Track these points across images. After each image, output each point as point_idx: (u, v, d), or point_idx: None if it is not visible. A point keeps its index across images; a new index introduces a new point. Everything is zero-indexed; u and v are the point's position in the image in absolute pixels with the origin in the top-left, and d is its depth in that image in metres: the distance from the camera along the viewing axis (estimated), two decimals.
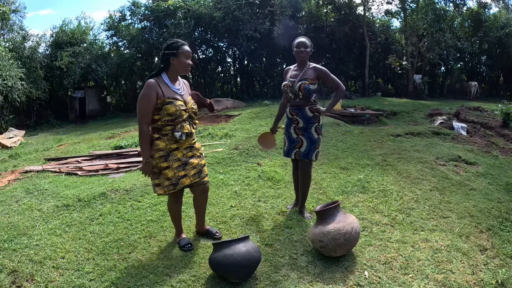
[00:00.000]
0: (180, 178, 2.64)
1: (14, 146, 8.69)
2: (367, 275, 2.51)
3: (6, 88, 10.68)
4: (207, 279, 2.50)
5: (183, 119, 2.60)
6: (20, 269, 2.66)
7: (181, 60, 2.58)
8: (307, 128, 3.28)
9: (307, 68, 3.26)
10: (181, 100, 2.59)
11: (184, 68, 2.61)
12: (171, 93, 2.57)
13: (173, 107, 2.52)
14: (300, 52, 3.22)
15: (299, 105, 3.26)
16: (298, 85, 3.20)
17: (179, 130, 2.57)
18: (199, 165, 2.73)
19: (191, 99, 2.72)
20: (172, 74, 2.63)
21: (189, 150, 2.69)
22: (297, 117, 3.29)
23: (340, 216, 2.65)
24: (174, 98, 2.55)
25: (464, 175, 4.69)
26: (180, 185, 2.65)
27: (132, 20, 15.88)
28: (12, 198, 4.20)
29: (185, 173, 2.65)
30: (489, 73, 19.69)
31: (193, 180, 2.70)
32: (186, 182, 2.66)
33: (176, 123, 2.57)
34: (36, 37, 14.35)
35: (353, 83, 19.93)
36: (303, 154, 3.30)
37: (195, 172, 2.71)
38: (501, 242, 2.98)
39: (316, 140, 3.29)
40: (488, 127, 7.96)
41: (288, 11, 15.23)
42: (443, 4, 16.33)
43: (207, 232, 3.07)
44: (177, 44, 2.59)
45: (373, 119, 9.02)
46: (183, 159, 2.65)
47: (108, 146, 7.07)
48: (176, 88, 2.62)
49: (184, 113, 2.59)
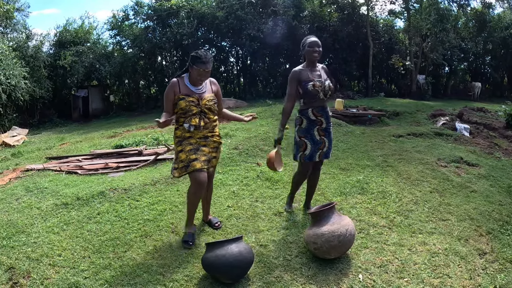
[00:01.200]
0: (191, 161, 2.84)
1: (17, 144, 8.74)
2: (361, 278, 2.49)
3: (10, 87, 10.75)
4: (200, 279, 2.50)
5: (193, 113, 2.86)
6: (17, 266, 2.69)
7: (193, 74, 2.87)
8: (328, 128, 3.31)
9: (320, 68, 3.28)
10: (194, 97, 2.87)
11: (195, 77, 2.87)
12: (186, 91, 2.89)
13: (184, 103, 2.84)
14: (314, 52, 3.18)
15: (324, 105, 3.26)
16: (327, 84, 3.20)
17: (187, 122, 2.87)
18: (210, 155, 2.94)
19: (210, 96, 2.95)
20: (192, 78, 2.92)
21: (203, 140, 2.93)
22: (321, 118, 3.23)
23: (335, 218, 2.63)
24: (186, 95, 2.86)
25: (466, 176, 4.65)
26: (191, 168, 2.82)
27: (135, 20, 15.95)
28: (12, 196, 4.23)
29: (196, 157, 2.85)
30: (493, 73, 19.53)
31: (203, 166, 2.85)
32: (196, 166, 2.82)
33: (187, 116, 2.86)
34: (40, 36, 14.46)
35: (356, 83, 19.86)
36: (325, 154, 3.34)
37: (205, 159, 2.89)
38: (501, 246, 2.93)
39: (332, 139, 3.37)
40: (492, 128, 7.89)
41: (291, 11, 15.20)
42: (447, 4, 16.21)
43: (209, 221, 3.30)
44: (195, 57, 2.82)
45: (375, 120, 8.97)
46: (195, 145, 2.90)
47: (110, 145, 7.08)
48: (194, 87, 2.91)
49: (194, 108, 2.86)
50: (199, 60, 2.80)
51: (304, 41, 3.24)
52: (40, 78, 13.16)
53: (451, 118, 8.85)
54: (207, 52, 2.91)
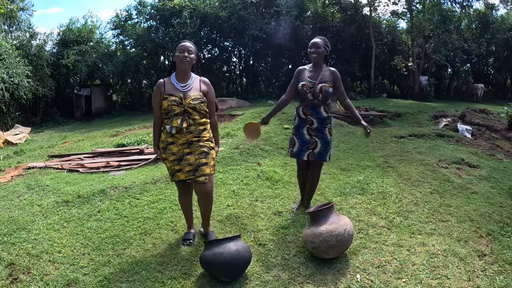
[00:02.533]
0: (175, 172, 2.76)
1: (19, 142, 8.78)
2: (359, 278, 2.49)
3: (13, 85, 10.79)
4: (198, 277, 2.51)
5: (175, 113, 2.69)
6: (17, 262, 2.72)
7: (176, 55, 2.73)
8: (321, 129, 3.26)
9: (325, 70, 3.25)
10: (177, 96, 2.69)
11: (179, 61, 2.72)
12: (171, 90, 2.72)
13: (166, 102, 2.69)
14: (312, 53, 3.23)
15: (315, 105, 3.23)
16: (319, 86, 3.17)
17: (169, 124, 2.70)
18: (196, 163, 2.70)
19: (196, 95, 2.72)
20: (178, 72, 2.79)
21: (187, 146, 2.72)
22: (311, 117, 3.24)
23: (333, 218, 2.63)
24: (170, 94, 2.70)
25: (467, 178, 4.64)
26: (175, 178, 2.78)
27: (138, 19, 15.96)
28: (14, 193, 4.26)
29: (180, 168, 2.75)
30: (496, 75, 19.46)
31: (188, 176, 2.74)
32: (181, 177, 2.76)
33: (169, 117, 2.71)
34: (43, 35, 14.50)
35: (358, 84, 19.82)
36: (318, 155, 3.29)
37: (190, 169, 2.72)
38: (500, 247, 2.91)
39: (329, 141, 3.30)
40: (494, 130, 7.86)
41: (294, 11, 15.19)
42: (450, 5, 16.18)
43: (206, 234, 3.03)
44: (176, 45, 2.80)
45: (377, 120, 8.97)
46: (178, 154, 2.74)
47: (111, 144, 7.11)
48: (180, 85, 2.74)
49: (176, 108, 2.68)
50: (177, 45, 2.78)
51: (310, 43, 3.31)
52: (43, 77, 13.19)
53: (453, 120, 8.82)
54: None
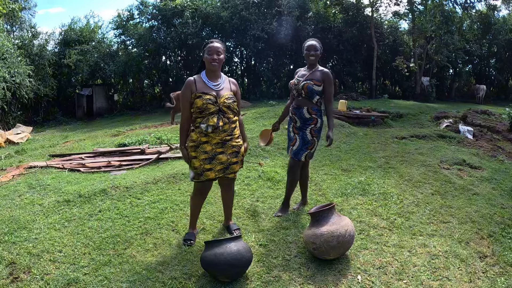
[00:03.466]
0: (205, 170, 2.75)
1: (21, 142, 8.80)
2: (360, 279, 2.48)
3: (14, 84, 10.83)
4: (198, 277, 2.50)
5: (210, 112, 2.69)
6: (18, 261, 2.71)
7: (205, 57, 2.75)
8: (303, 128, 3.32)
9: (316, 70, 3.33)
10: (212, 95, 2.70)
11: (208, 63, 2.74)
12: (203, 88, 2.72)
13: (200, 101, 2.67)
14: (310, 55, 3.30)
15: (299, 105, 3.33)
16: (302, 84, 3.28)
17: (204, 122, 2.68)
18: (228, 162, 2.80)
19: (229, 94, 2.77)
20: (208, 71, 2.79)
21: (220, 146, 2.76)
22: (295, 117, 3.36)
23: (334, 218, 2.63)
24: (203, 93, 2.69)
25: (468, 179, 4.62)
26: (204, 177, 2.76)
27: (140, 19, 16.01)
28: (15, 192, 4.27)
29: (211, 167, 2.75)
30: (497, 76, 19.42)
31: (218, 174, 2.79)
32: (210, 176, 2.76)
33: (204, 115, 2.70)
34: (45, 35, 14.57)
35: (360, 85, 19.81)
36: (294, 152, 3.35)
37: (221, 168, 2.79)
38: (502, 249, 2.90)
39: (309, 141, 3.32)
40: (495, 131, 7.84)
41: (296, 12, 15.20)
42: (452, 6, 16.15)
43: (228, 227, 3.17)
44: (205, 42, 2.79)
45: (378, 121, 8.95)
46: (211, 153, 2.74)
47: (113, 143, 7.13)
48: (213, 83, 2.75)
49: (211, 107, 2.68)
50: (206, 43, 2.75)
51: (303, 44, 3.41)
52: (44, 76, 13.24)
53: (455, 121, 8.81)
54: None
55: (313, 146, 3.36)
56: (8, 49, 10.78)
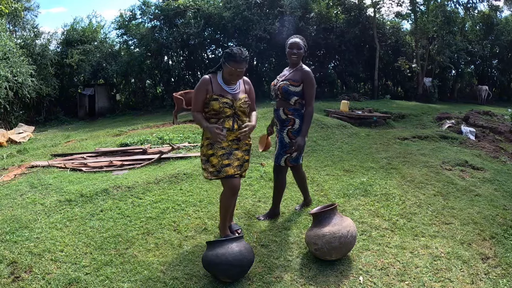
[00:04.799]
0: (224, 166, 2.71)
1: (23, 141, 8.82)
2: (361, 280, 2.47)
3: (17, 84, 10.85)
4: (200, 277, 2.50)
5: (227, 115, 2.70)
6: (19, 261, 2.72)
7: (226, 71, 2.70)
8: (281, 130, 3.18)
9: (297, 70, 3.14)
10: (228, 98, 2.70)
11: (227, 79, 2.72)
12: (220, 90, 2.71)
13: (217, 104, 2.66)
14: (292, 54, 3.11)
15: (277, 107, 3.20)
16: (278, 84, 3.14)
17: (220, 125, 2.69)
18: (243, 159, 2.80)
19: (245, 97, 2.78)
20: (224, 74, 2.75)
21: (235, 143, 2.78)
22: (275, 119, 3.25)
23: (336, 219, 2.62)
24: (220, 95, 2.68)
25: (470, 180, 4.60)
26: (223, 173, 2.72)
27: (142, 19, 16.01)
28: (16, 192, 4.28)
29: (229, 162, 2.73)
30: (500, 77, 19.35)
31: (236, 171, 2.75)
32: (229, 172, 2.72)
33: (219, 118, 2.71)
34: (47, 35, 14.60)
35: (362, 85, 19.77)
36: (275, 156, 3.23)
37: (238, 164, 2.77)
38: (504, 250, 2.89)
39: (286, 144, 3.13)
40: (498, 132, 7.80)
41: (298, 12, 15.18)
42: (454, 7, 16.11)
43: (230, 227, 3.10)
44: (228, 54, 2.64)
45: (380, 122, 8.93)
46: (228, 149, 2.74)
47: (115, 143, 7.13)
48: (228, 87, 2.74)
49: (228, 110, 2.70)
50: (232, 58, 2.60)
51: (286, 42, 3.20)
52: (47, 76, 13.26)
53: (457, 121, 8.78)
54: (243, 50, 2.65)
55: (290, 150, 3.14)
56: (10, 49, 10.80)
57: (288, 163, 3.19)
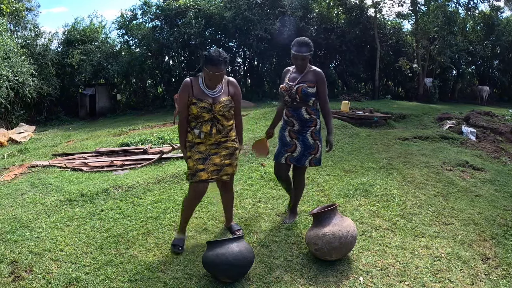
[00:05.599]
0: (198, 171, 2.70)
1: (23, 141, 8.83)
2: (361, 280, 2.48)
3: (18, 84, 10.86)
4: (200, 277, 2.50)
5: (205, 120, 2.67)
6: (20, 260, 2.72)
7: (205, 75, 2.66)
8: (303, 131, 3.12)
9: (307, 71, 3.11)
10: (207, 102, 2.64)
11: (208, 82, 2.67)
12: (200, 94, 2.65)
13: (195, 109, 2.63)
14: (297, 65, 3.09)
15: (295, 107, 3.11)
16: (296, 88, 3.05)
17: (198, 128, 2.69)
18: (221, 164, 2.75)
19: (226, 101, 2.70)
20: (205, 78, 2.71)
21: (215, 147, 2.74)
22: (292, 119, 3.13)
23: (337, 220, 2.62)
24: (199, 100, 2.64)
25: (471, 181, 4.60)
26: (196, 178, 2.70)
27: (143, 19, 16.00)
28: (17, 191, 4.28)
29: (203, 167, 2.70)
30: (501, 77, 19.33)
31: (211, 176, 2.73)
32: (202, 177, 2.70)
33: (198, 122, 2.69)
34: (48, 35, 14.58)
35: (363, 85, 19.77)
36: (296, 159, 3.14)
37: (214, 169, 2.74)
38: (504, 251, 2.89)
39: (311, 146, 3.12)
40: (498, 133, 7.80)
41: (299, 12, 15.18)
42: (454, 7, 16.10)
43: (230, 227, 3.15)
44: (205, 58, 2.56)
45: (381, 122, 8.93)
46: (205, 154, 2.72)
47: (115, 143, 7.14)
48: (208, 90, 2.68)
49: (206, 115, 2.65)
50: (209, 62, 2.52)
51: (292, 45, 3.14)
52: (47, 76, 13.26)
53: (458, 122, 8.77)
54: (220, 51, 2.57)
55: (317, 150, 3.15)
56: (11, 49, 10.81)
57: (312, 163, 3.19)
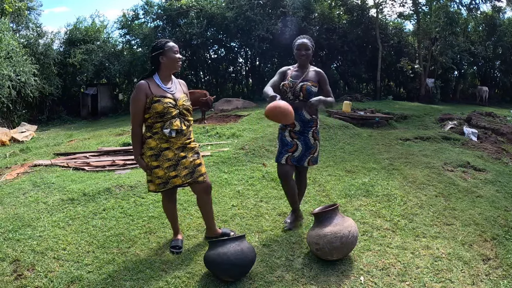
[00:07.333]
0: (171, 178, 2.64)
1: (25, 140, 8.87)
2: (362, 280, 2.48)
3: (20, 83, 10.91)
4: (201, 277, 2.51)
5: (172, 116, 2.59)
6: (22, 259, 2.74)
7: (170, 56, 2.61)
8: (304, 132, 3.11)
9: (309, 70, 3.14)
10: (170, 98, 2.61)
11: (174, 62, 2.63)
12: (160, 92, 2.60)
13: (160, 105, 2.55)
14: (301, 55, 3.10)
15: (297, 107, 3.04)
16: (300, 85, 3.05)
17: (168, 127, 2.58)
18: (192, 165, 2.68)
19: (184, 97, 2.71)
20: (163, 73, 2.66)
21: (181, 150, 2.66)
22: (296, 120, 3.10)
23: (338, 219, 2.63)
24: (162, 96, 2.57)
25: (472, 181, 4.60)
26: (170, 184, 2.66)
27: (145, 19, 16.08)
28: (19, 190, 4.30)
29: (176, 174, 2.64)
30: (502, 78, 19.30)
31: (185, 180, 2.67)
32: (177, 182, 2.66)
33: (165, 120, 2.58)
34: (50, 34, 14.65)
35: (364, 86, 19.76)
36: (296, 159, 3.12)
37: (187, 173, 2.67)
38: (505, 252, 2.89)
39: (312, 146, 3.13)
40: (500, 133, 7.79)
41: (301, 12, 15.19)
42: (456, 8, 16.08)
43: (222, 234, 2.97)
44: (162, 42, 2.64)
45: (383, 123, 8.93)
46: (174, 159, 2.63)
47: (117, 142, 7.16)
48: (166, 87, 2.64)
49: (172, 110, 2.59)
50: (163, 42, 2.61)
51: (294, 42, 3.18)
52: (49, 75, 13.32)
53: (459, 122, 8.77)
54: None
55: (316, 150, 3.17)
56: (13, 48, 10.86)
57: (310, 163, 3.19)
